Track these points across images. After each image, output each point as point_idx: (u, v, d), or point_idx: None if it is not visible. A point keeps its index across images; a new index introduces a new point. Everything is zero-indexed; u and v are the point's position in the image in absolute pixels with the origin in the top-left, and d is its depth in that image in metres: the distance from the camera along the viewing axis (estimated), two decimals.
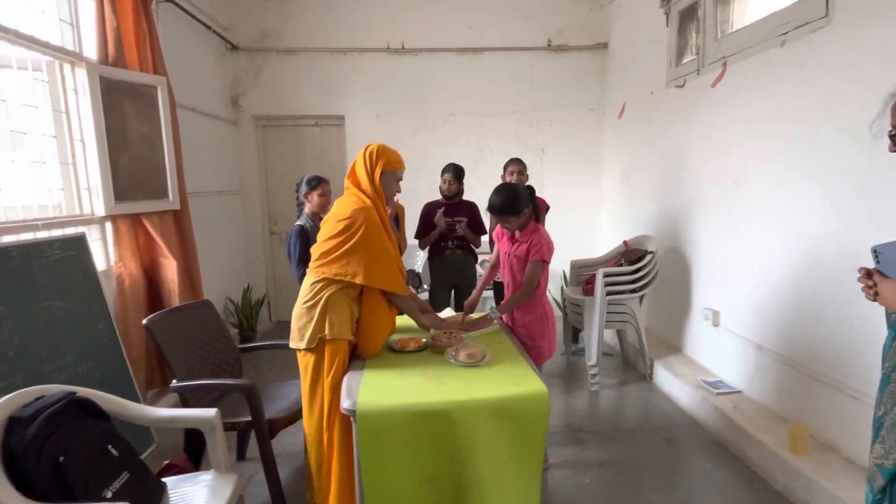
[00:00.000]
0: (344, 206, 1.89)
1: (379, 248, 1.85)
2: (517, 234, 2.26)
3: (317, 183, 2.74)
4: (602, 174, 5.09)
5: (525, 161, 5.18)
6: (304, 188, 2.75)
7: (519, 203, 2.16)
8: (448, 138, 5.00)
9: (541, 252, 2.16)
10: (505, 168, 3.27)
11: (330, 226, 1.88)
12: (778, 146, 2.64)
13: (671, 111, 3.70)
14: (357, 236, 1.81)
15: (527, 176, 3.32)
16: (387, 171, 1.93)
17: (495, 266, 2.46)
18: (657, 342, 3.82)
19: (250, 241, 5.00)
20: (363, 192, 1.91)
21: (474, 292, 2.42)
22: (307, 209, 2.76)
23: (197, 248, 3.27)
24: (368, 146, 1.94)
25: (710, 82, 3.16)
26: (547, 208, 3.35)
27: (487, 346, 2.05)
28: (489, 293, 4.31)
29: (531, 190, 2.28)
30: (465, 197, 3.56)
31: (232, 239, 4.67)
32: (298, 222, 2.72)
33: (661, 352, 3.62)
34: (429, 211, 3.38)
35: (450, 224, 3.26)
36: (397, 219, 3.10)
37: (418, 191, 5.02)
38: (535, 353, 2.27)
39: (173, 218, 3.07)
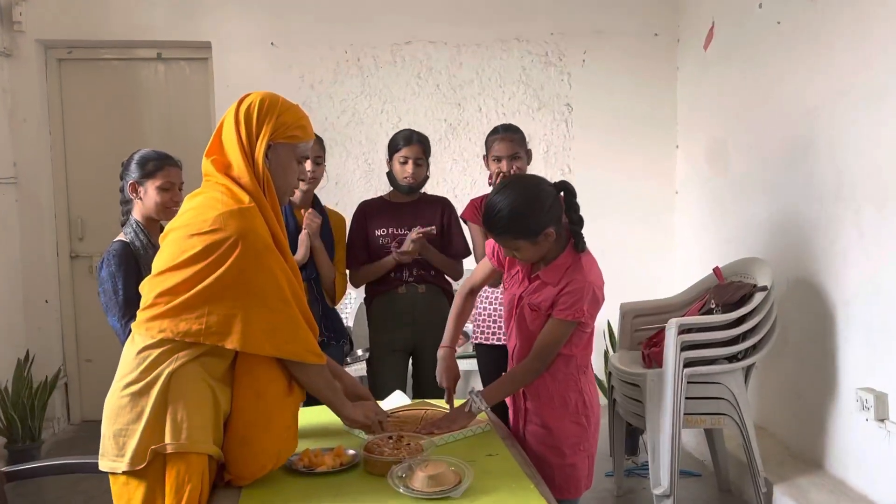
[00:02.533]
0: (201, 208, 1.92)
1: (269, 286, 1.91)
2: (541, 267, 2.32)
3: (156, 166, 2.78)
4: (675, 149, 5.15)
5: (542, 124, 5.12)
6: (131, 174, 2.78)
7: (538, 216, 2.18)
8: (400, 86, 5.04)
9: (577, 310, 2.23)
10: (488, 145, 3.37)
11: (175, 245, 1.91)
12: None
13: (797, 37, 3.75)
14: (227, 265, 1.85)
15: (529, 155, 3.37)
16: (279, 142, 1.99)
17: (474, 292, 2.58)
18: (778, 450, 3.79)
19: (33, 270, 4.93)
20: (236, 181, 1.95)
21: (447, 333, 2.54)
22: (136, 212, 2.81)
23: None
24: (246, 97, 2.00)
25: None
26: None
27: (466, 458, 2.05)
28: (467, 362, 4.22)
29: (565, 191, 2.32)
30: (430, 188, 3.57)
31: None
32: (121, 237, 2.78)
33: (784, 468, 3.62)
34: (364, 217, 3.47)
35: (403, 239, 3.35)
36: (330, 235, 3.26)
37: (348, 181, 4.97)
38: (561, 480, 2.31)
39: None
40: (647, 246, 5.14)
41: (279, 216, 2.00)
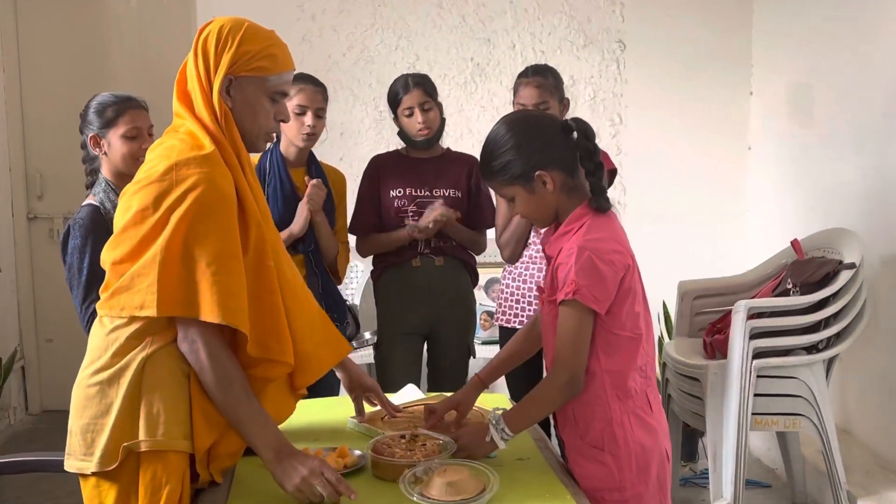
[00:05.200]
0: (156, 158, 1.96)
1: (233, 247, 1.93)
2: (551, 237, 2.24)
3: (117, 111, 2.80)
4: (749, 96, 5.11)
5: (589, 65, 5.07)
6: (91, 126, 2.81)
7: (528, 151, 2.12)
8: (418, 17, 5.02)
9: (567, 283, 2.05)
10: (515, 90, 3.38)
11: (127, 202, 1.95)
12: None
13: None
14: (176, 219, 1.87)
15: (565, 105, 3.36)
16: (242, 76, 2.00)
17: (529, 332, 2.44)
18: (864, 459, 3.79)
19: None
20: (200, 121, 2.00)
21: (490, 364, 2.41)
22: (105, 169, 2.84)
23: None
24: (207, 25, 2.03)
25: None
26: (611, 173, 3.32)
27: (492, 462, 2.08)
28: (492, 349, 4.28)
29: (578, 130, 2.19)
30: (454, 142, 3.64)
31: None
32: (90, 199, 2.80)
33: (871, 480, 3.61)
34: (378, 173, 3.51)
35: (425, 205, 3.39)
36: (329, 198, 3.25)
37: (355, 132, 4.96)
38: None
39: None
40: (713, 213, 5.10)
41: (246, 164, 2.03)
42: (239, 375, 1.94)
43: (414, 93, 3.36)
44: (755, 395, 3.32)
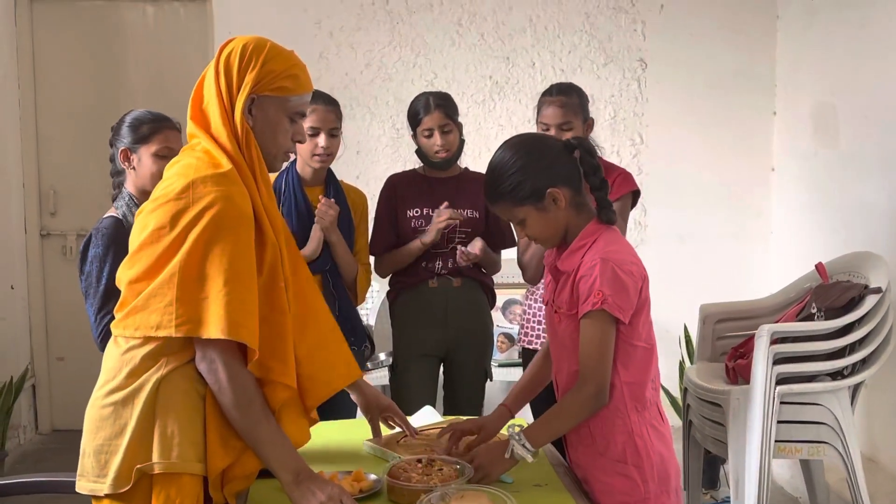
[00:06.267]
0: (173, 177, 1.98)
1: (245, 263, 1.93)
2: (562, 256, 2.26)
3: (151, 129, 2.82)
4: (772, 116, 5.11)
5: (609, 84, 5.08)
6: (123, 140, 2.83)
7: (537, 171, 2.16)
8: (436, 35, 5.03)
9: (594, 293, 2.09)
10: (539, 109, 3.33)
11: (143, 220, 1.97)
12: None
13: None
14: (193, 237, 1.88)
15: (589, 125, 3.33)
16: (265, 95, 2.02)
17: (547, 355, 2.43)
18: (890, 487, 3.79)
19: None
20: (216, 141, 2.01)
21: (514, 390, 2.44)
22: (129, 183, 2.85)
23: None
24: (228, 43, 2.05)
25: None
26: (634, 194, 3.35)
27: (509, 488, 2.08)
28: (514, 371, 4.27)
29: (580, 148, 2.23)
30: (471, 161, 3.60)
31: None
32: (111, 212, 2.82)
33: None
34: (395, 193, 3.51)
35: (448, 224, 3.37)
36: (348, 218, 3.27)
37: (372, 150, 4.97)
38: None
39: None
40: (736, 235, 5.09)
41: (264, 183, 2.03)
42: (258, 396, 1.95)
43: (434, 114, 3.36)
44: (778, 421, 3.28)
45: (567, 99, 3.24)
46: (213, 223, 1.87)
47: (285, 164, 3.14)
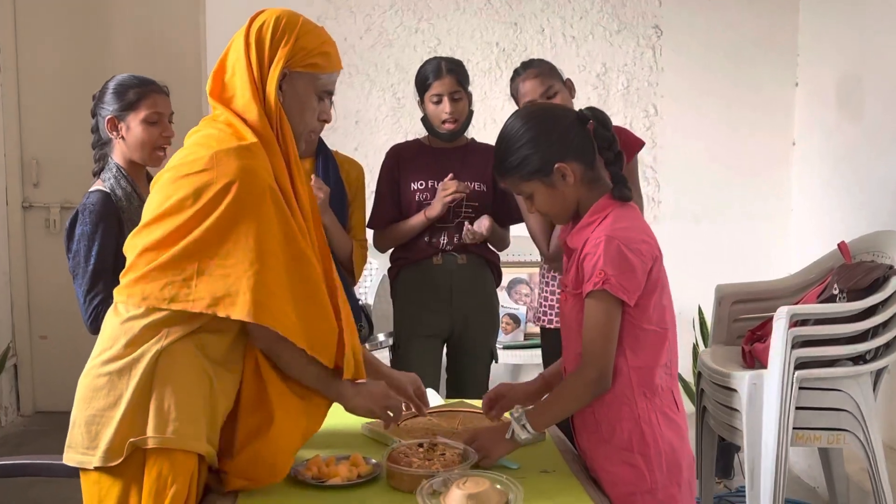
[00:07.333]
0: (194, 146, 2.02)
1: (274, 243, 1.99)
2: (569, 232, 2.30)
3: (139, 94, 2.86)
4: (794, 88, 5.12)
5: (623, 52, 5.02)
6: (108, 107, 2.86)
7: (545, 144, 2.19)
8: (444, 2, 5.04)
9: (596, 273, 2.11)
10: (515, 92, 3.36)
11: (161, 191, 2.01)
12: None
13: None
14: (218, 212, 1.94)
15: (569, 85, 3.34)
16: (297, 71, 2.08)
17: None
18: None
19: None
20: (241, 116, 2.05)
21: (533, 381, 2.50)
22: (117, 154, 2.89)
23: None
24: (259, 14, 2.09)
25: None
26: (639, 145, 3.37)
27: (516, 474, 2.11)
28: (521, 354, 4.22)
29: (594, 119, 2.24)
30: (477, 132, 3.62)
31: None
32: (98, 185, 2.85)
33: None
34: (398, 164, 3.55)
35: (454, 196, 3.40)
36: (342, 191, 3.32)
37: (371, 120, 4.93)
38: None
39: None
40: (754, 212, 5.12)
41: (295, 162, 2.09)
42: (310, 363, 2.10)
43: (445, 80, 3.38)
44: (797, 408, 3.29)
45: (539, 69, 3.29)
46: (238, 199, 1.92)
47: None
